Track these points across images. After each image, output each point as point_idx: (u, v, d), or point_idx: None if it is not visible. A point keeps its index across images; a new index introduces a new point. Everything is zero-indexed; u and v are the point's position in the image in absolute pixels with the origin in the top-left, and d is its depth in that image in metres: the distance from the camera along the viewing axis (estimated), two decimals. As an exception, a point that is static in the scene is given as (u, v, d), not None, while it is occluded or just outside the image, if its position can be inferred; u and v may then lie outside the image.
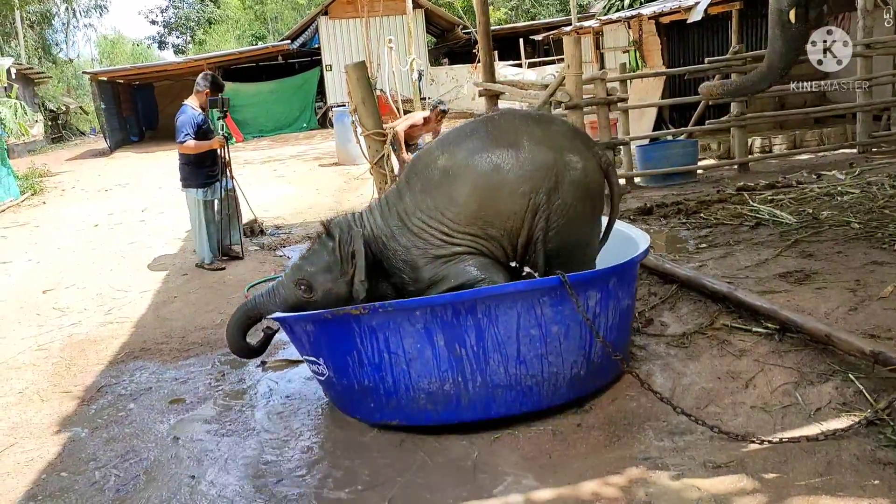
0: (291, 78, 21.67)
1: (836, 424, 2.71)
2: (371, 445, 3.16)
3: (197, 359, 4.45)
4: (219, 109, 6.12)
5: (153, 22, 46.25)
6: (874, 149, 8.12)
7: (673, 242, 5.33)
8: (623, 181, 7.44)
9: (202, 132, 6.11)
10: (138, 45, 46.86)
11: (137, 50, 45.52)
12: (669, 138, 8.79)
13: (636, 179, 7.94)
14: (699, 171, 8.03)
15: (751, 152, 8.72)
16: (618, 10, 14.60)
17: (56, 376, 4.37)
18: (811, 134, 9.19)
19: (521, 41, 19.96)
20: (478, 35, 8.24)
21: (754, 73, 3.97)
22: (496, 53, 12.30)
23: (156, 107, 24.42)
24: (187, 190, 6.26)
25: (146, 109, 24.24)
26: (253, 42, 34.85)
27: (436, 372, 3.07)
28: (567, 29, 14.33)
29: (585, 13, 19.82)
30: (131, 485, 3.03)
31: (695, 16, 9.71)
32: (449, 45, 25.16)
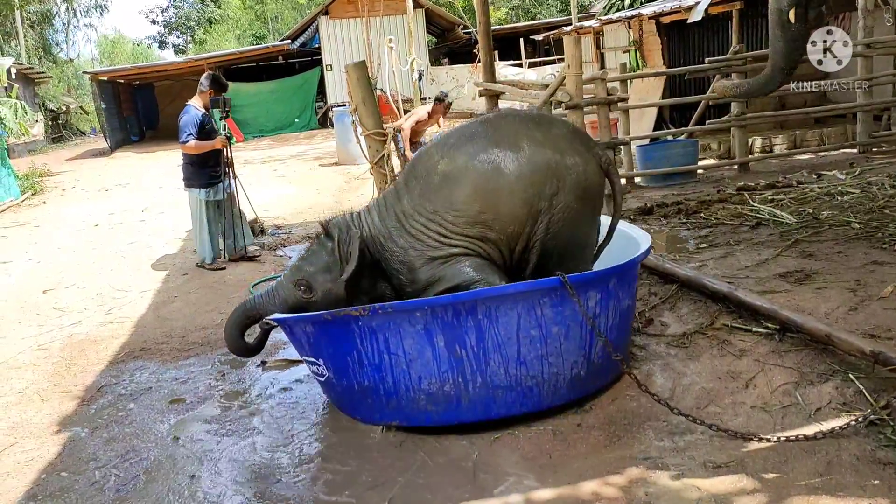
0: (292, 78, 21.69)
1: (837, 424, 2.70)
2: (371, 446, 3.16)
3: (197, 359, 4.45)
4: (220, 109, 6.11)
5: (153, 22, 46.41)
6: (874, 149, 8.12)
7: (673, 242, 5.33)
8: (623, 181, 7.43)
9: (205, 132, 6.10)
10: (139, 45, 46.93)
11: (138, 50, 45.57)
12: (670, 138, 8.79)
13: (636, 179, 7.94)
14: (699, 171, 8.03)
15: (751, 152, 8.73)
16: (618, 10, 14.61)
17: (56, 376, 4.37)
18: (811, 134, 9.19)
19: (522, 41, 19.97)
20: (478, 35, 8.24)
21: (762, 76, 3.97)
22: (496, 53, 12.30)
23: (156, 107, 24.45)
24: (190, 189, 6.26)
25: (146, 109, 24.26)
26: (253, 42, 34.85)
27: (436, 373, 3.07)
28: (567, 29, 14.33)
29: (586, 13, 19.82)
30: (131, 485, 3.03)
31: (695, 16, 9.71)
32: (449, 45, 25.16)
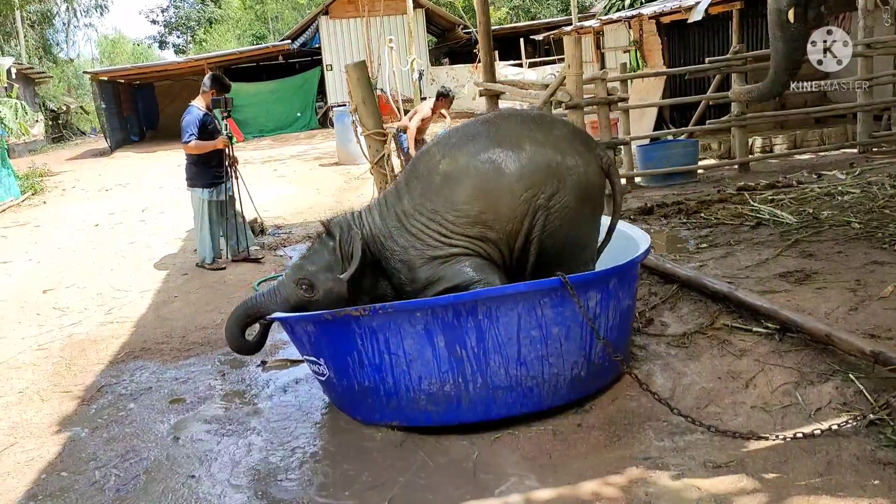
0: (292, 78, 21.70)
1: (837, 424, 2.70)
2: (371, 446, 3.16)
3: (197, 358, 4.45)
4: (222, 109, 6.11)
5: (154, 21, 46.34)
6: (874, 148, 8.12)
7: (673, 242, 5.33)
8: (623, 181, 7.44)
9: (207, 132, 6.09)
10: (139, 45, 46.99)
11: (138, 49, 45.63)
12: (670, 138, 8.79)
13: (637, 179, 7.94)
14: (700, 171, 8.03)
15: (751, 152, 8.73)
16: (618, 10, 14.61)
17: (56, 376, 4.37)
18: (812, 134, 9.19)
19: (522, 41, 19.99)
20: (478, 35, 8.24)
21: (767, 80, 3.96)
22: (497, 53, 12.31)
23: (156, 106, 24.47)
24: (192, 189, 6.25)
25: (147, 109, 24.28)
26: (253, 42, 34.86)
27: (436, 373, 3.07)
28: (568, 29, 14.33)
29: (586, 13, 19.82)
30: (131, 484, 3.03)
31: (695, 15, 9.71)
32: (449, 45, 25.18)
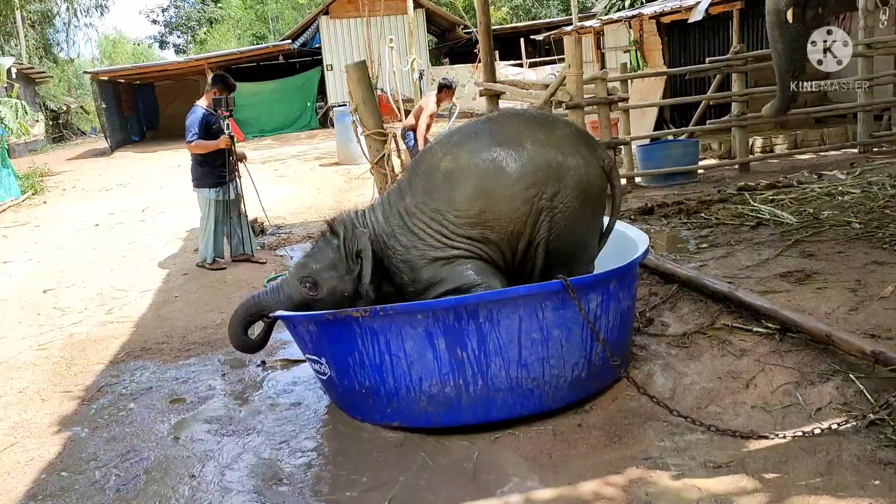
0: (292, 77, 21.72)
1: (837, 424, 2.70)
2: (372, 446, 3.16)
3: (197, 358, 4.45)
4: (223, 109, 6.10)
5: (154, 21, 46.30)
6: (875, 148, 8.11)
7: (674, 242, 5.33)
8: (624, 181, 7.44)
9: (211, 132, 6.09)
10: (139, 45, 47.00)
11: (138, 49, 45.65)
12: (670, 138, 8.79)
13: (637, 179, 7.94)
14: (700, 171, 8.02)
15: (752, 152, 8.72)
16: (619, 10, 14.61)
17: (56, 376, 4.37)
18: (812, 134, 9.18)
19: (522, 41, 19.98)
20: (479, 35, 8.24)
21: (777, 90, 3.96)
22: (497, 53, 12.30)
23: (157, 106, 24.48)
24: (199, 190, 6.24)
25: (147, 109, 24.29)
26: (254, 42, 34.88)
27: (437, 375, 3.07)
28: (568, 29, 14.34)
29: (586, 13, 19.82)
30: (132, 484, 3.03)
31: (696, 15, 9.71)
32: (450, 45, 25.19)
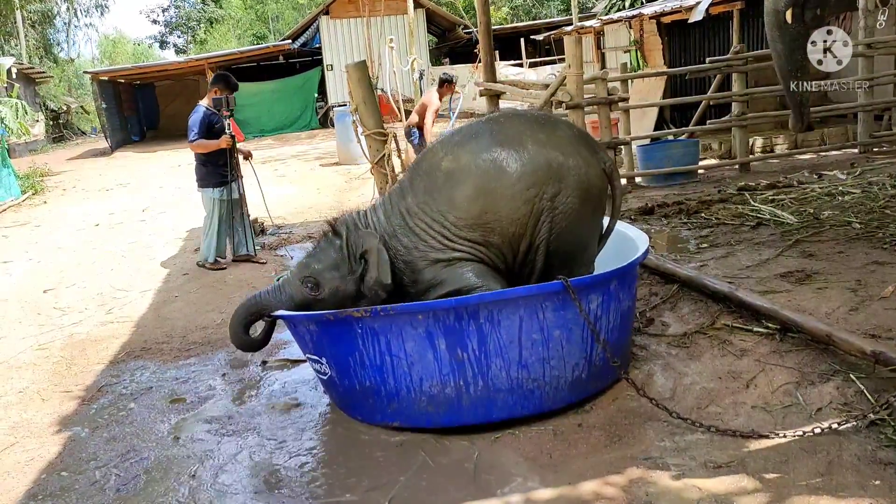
0: (292, 77, 21.72)
1: (837, 424, 2.70)
2: (372, 446, 3.16)
3: (198, 358, 4.45)
4: (224, 108, 6.10)
5: (154, 21, 46.40)
6: (875, 148, 8.11)
7: (674, 242, 5.33)
8: (624, 181, 7.44)
9: (214, 132, 6.08)
10: (139, 45, 46.99)
11: (138, 49, 45.64)
12: (671, 138, 8.79)
13: (637, 179, 7.94)
14: (700, 171, 8.02)
15: (752, 152, 8.72)
16: (619, 10, 14.61)
17: (57, 376, 4.37)
18: (812, 134, 9.16)
19: (523, 41, 19.98)
20: (479, 35, 8.23)
21: (788, 100, 3.96)
22: (497, 53, 12.30)
23: (157, 106, 24.49)
24: (203, 190, 6.24)
25: (147, 109, 24.29)
26: (254, 42, 34.88)
27: (437, 375, 3.07)
28: (568, 28, 14.35)
29: (587, 13, 19.82)
30: (132, 484, 3.03)
31: (696, 15, 9.71)
32: (450, 45, 25.18)
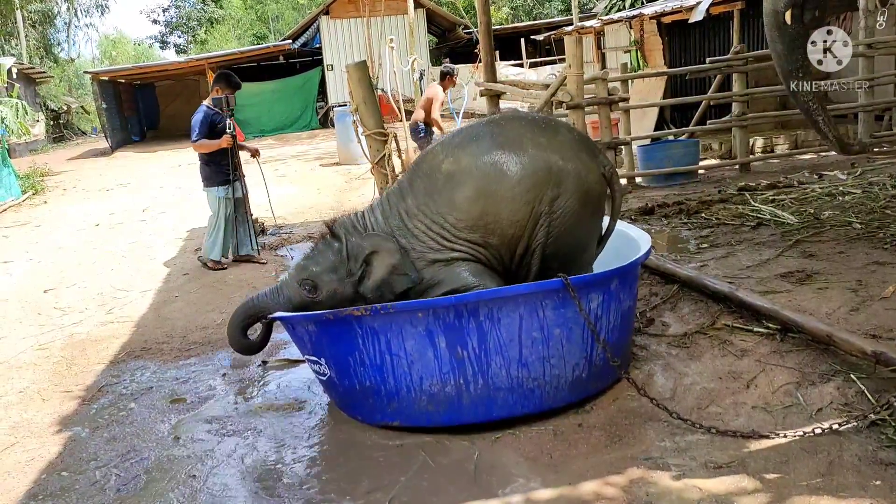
0: (293, 77, 21.71)
1: (838, 425, 2.70)
2: (372, 446, 3.16)
3: (198, 358, 4.45)
4: (224, 108, 6.10)
5: (155, 21, 46.37)
6: (876, 149, 8.10)
7: (674, 242, 5.32)
8: (624, 181, 7.43)
9: (216, 132, 6.07)
10: (140, 45, 46.95)
11: (139, 49, 45.61)
12: (671, 138, 8.79)
13: (637, 179, 7.93)
14: (700, 171, 8.02)
15: (752, 152, 8.72)
16: (619, 10, 14.61)
17: (57, 376, 4.37)
18: (813, 134, 9.16)
19: (523, 41, 19.98)
20: (479, 35, 8.23)
21: (800, 110, 3.94)
22: (497, 53, 12.30)
23: (157, 106, 24.48)
24: (209, 189, 6.24)
25: (147, 109, 24.29)
26: (254, 42, 34.85)
27: (437, 374, 3.07)
28: (568, 29, 14.35)
29: (587, 13, 19.81)
30: (132, 484, 3.03)
31: (696, 16, 9.72)
32: (450, 45, 25.17)
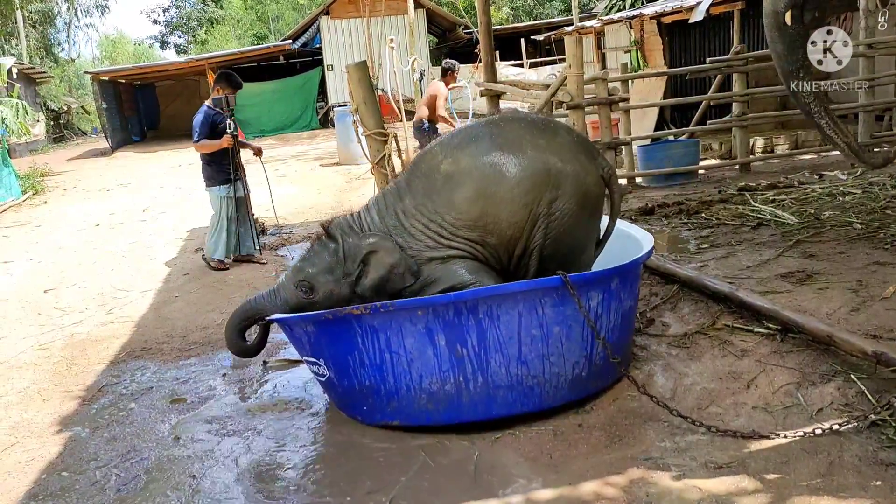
0: (293, 78, 21.71)
1: (838, 425, 2.70)
2: (372, 446, 3.16)
3: (198, 358, 4.45)
4: (224, 107, 6.09)
5: (155, 21, 46.37)
6: (876, 149, 8.10)
7: (674, 242, 5.32)
8: (625, 181, 7.43)
9: (218, 131, 6.07)
10: (140, 45, 46.94)
11: (139, 49, 45.60)
12: (671, 138, 8.78)
13: (638, 179, 7.93)
14: (701, 172, 8.02)
15: (753, 152, 8.71)
16: (619, 10, 14.60)
17: (57, 376, 4.37)
18: (813, 134, 9.16)
19: (523, 41, 19.97)
20: (479, 35, 8.22)
21: (802, 111, 3.95)
22: (497, 53, 12.29)
23: (157, 106, 24.49)
24: (210, 189, 6.24)
25: (148, 109, 24.30)
26: (254, 42, 34.83)
27: (437, 372, 3.07)
28: (569, 29, 14.35)
29: (587, 13, 19.81)
30: (132, 484, 3.03)
31: (696, 16, 9.71)
32: (450, 45, 25.15)
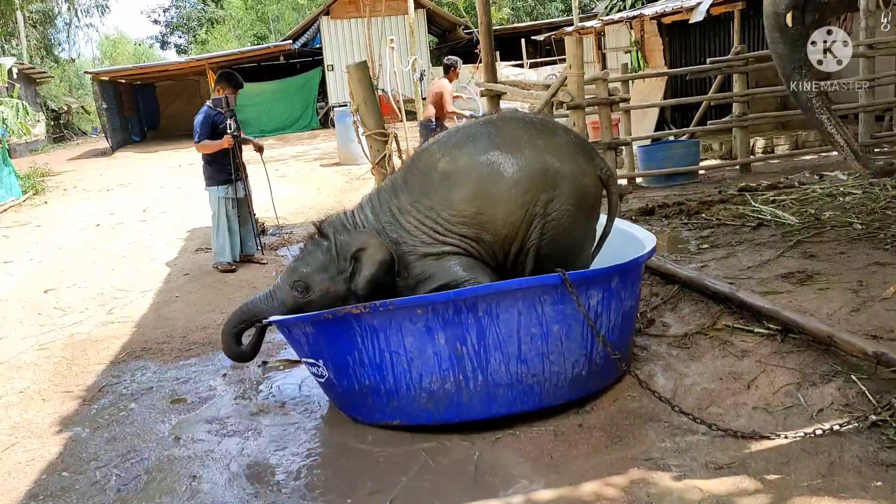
0: (293, 78, 21.72)
1: (839, 425, 2.70)
2: (372, 446, 3.16)
3: (198, 359, 4.45)
4: (224, 107, 6.09)
5: (155, 21, 46.46)
6: (876, 149, 8.10)
7: (675, 243, 5.32)
8: (625, 181, 7.43)
9: (218, 132, 6.07)
10: (140, 45, 46.96)
11: (139, 50, 45.62)
12: (671, 138, 8.78)
13: (638, 180, 7.93)
14: (701, 172, 8.01)
15: (753, 153, 8.71)
16: (620, 11, 14.59)
17: (57, 376, 4.37)
18: (813, 134, 9.16)
19: (523, 41, 19.97)
20: (479, 35, 8.22)
21: (803, 112, 3.95)
22: (498, 53, 12.29)
23: (157, 106, 24.51)
24: (210, 189, 6.24)
25: (148, 109, 24.31)
26: (254, 42, 34.83)
27: (437, 371, 3.07)
28: (569, 29, 14.34)
29: (588, 13, 19.81)
30: (132, 484, 3.03)
31: (697, 16, 9.71)
32: (451, 45, 25.15)
